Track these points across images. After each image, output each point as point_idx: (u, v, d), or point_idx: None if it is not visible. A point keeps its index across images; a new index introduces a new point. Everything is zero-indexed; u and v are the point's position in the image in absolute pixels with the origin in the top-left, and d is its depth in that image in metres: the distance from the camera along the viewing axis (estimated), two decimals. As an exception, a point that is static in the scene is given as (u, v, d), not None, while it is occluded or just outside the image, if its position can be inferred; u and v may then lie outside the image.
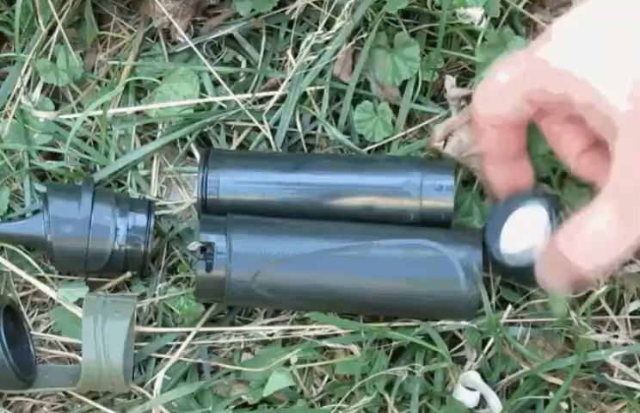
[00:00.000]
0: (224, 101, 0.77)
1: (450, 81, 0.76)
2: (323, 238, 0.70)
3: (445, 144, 0.74)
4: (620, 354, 0.72)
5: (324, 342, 0.72)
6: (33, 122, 0.77)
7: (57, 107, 0.78)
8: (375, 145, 0.76)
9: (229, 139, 0.77)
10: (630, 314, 0.73)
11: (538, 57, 0.62)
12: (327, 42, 0.76)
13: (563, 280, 0.63)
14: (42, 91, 0.78)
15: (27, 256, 0.75)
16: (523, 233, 0.68)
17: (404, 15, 0.77)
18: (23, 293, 0.76)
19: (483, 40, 0.74)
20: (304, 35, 0.76)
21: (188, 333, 0.74)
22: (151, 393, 0.73)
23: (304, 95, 0.77)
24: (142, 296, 0.75)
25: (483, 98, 0.66)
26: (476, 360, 0.72)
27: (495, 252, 0.69)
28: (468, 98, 0.75)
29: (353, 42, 0.76)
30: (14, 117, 0.77)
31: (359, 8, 0.75)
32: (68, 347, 0.75)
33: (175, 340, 0.74)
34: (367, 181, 0.72)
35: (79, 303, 0.73)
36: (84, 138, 0.77)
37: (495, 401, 0.71)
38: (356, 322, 0.72)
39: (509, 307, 0.71)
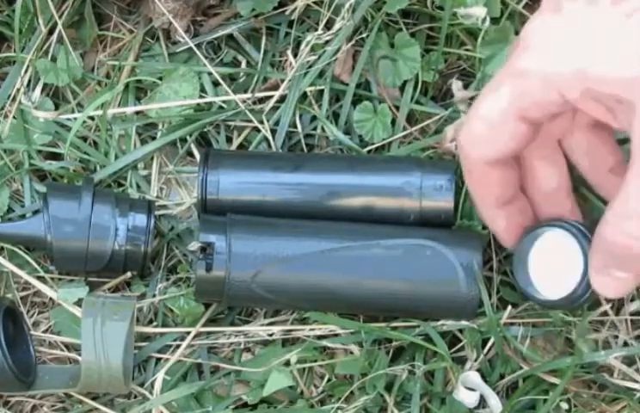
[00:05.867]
0: (224, 101, 0.77)
1: (457, 84, 0.76)
2: (323, 238, 0.70)
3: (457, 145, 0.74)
4: (620, 354, 0.72)
5: (324, 342, 0.72)
6: (33, 122, 0.77)
7: (57, 107, 0.78)
8: (375, 145, 0.76)
9: (229, 139, 0.77)
10: (630, 314, 0.73)
11: (522, 68, 0.60)
12: (327, 42, 0.76)
13: (630, 273, 0.61)
14: (42, 91, 0.78)
15: (27, 256, 0.75)
16: (555, 265, 0.66)
17: (404, 15, 0.77)
18: (23, 293, 0.76)
19: (484, 37, 0.74)
20: (304, 35, 0.76)
21: (188, 333, 0.74)
22: (151, 393, 0.73)
23: (304, 95, 0.77)
24: (142, 296, 0.75)
25: (472, 137, 0.62)
26: (476, 360, 0.72)
27: (530, 291, 0.67)
28: (475, 98, 0.75)
29: (353, 42, 0.76)
30: (14, 117, 0.77)
31: (359, 8, 0.75)
32: (68, 347, 0.75)
33: (175, 340, 0.74)
34: (367, 182, 0.72)
35: (79, 303, 0.73)
36: (84, 138, 0.77)
37: (495, 401, 0.71)
38: (356, 322, 0.72)
39: (509, 307, 0.71)
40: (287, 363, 0.72)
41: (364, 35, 0.76)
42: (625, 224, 0.59)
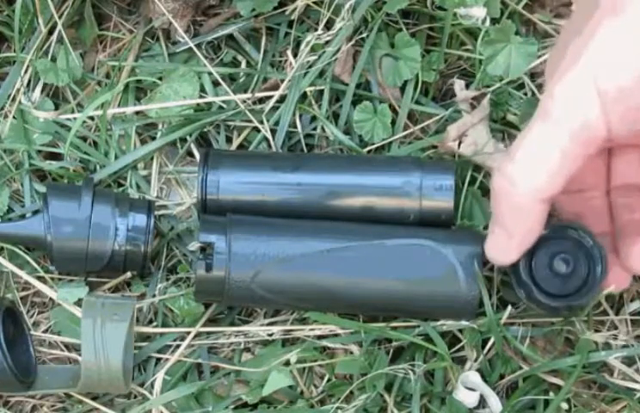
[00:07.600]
0: (224, 101, 0.77)
1: (459, 84, 0.76)
2: (323, 238, 0.70)
3: (459, 145, 0.74)
4: (620, 354, 0.72)
5: (324, 342, 0.72)
6: (33, 122, 0.77)
7: (57, 107, 0.78)
8: (375, 145, 0.76)
9: (229, 139, 0.77)
10: (630, 314, 0.73)
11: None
12: (327, 42, 0.76)
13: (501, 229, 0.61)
14: (42, 91, 0.78)
15: (27, 256, 0.75)
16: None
17: (404, 15, 0.77)
18: (23, 293, 0.76)
19: (484, 37, 0.74)
20: (304, 35, 0.76)
21: (188, 333, 0.74)
22: (151, 393, 0.73)
23: (304, 95, 0.77)
24: (142, 296, 0.75)
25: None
26: (476, 360, 0.72)
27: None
28: (477, 98, 0.75)
29: (353, 42, 0.76)
30: (14, 117, 0.77)
31: (359, 8, 0.75)
32: (68, 347, 0.75)
33: (175, 340, 0.74)
34: (367, 182, 0.72)
35: (79, 303, 0.73)
36: (84, 138, 0.77)
37: (495, 401, 0.71)
38: (356, 322, 0.72)
39: (509, 307, 0.71)
40: (287, 363, 0.72)
41: (364, 35, 0.76)
42: (507, 166, 0.56)
